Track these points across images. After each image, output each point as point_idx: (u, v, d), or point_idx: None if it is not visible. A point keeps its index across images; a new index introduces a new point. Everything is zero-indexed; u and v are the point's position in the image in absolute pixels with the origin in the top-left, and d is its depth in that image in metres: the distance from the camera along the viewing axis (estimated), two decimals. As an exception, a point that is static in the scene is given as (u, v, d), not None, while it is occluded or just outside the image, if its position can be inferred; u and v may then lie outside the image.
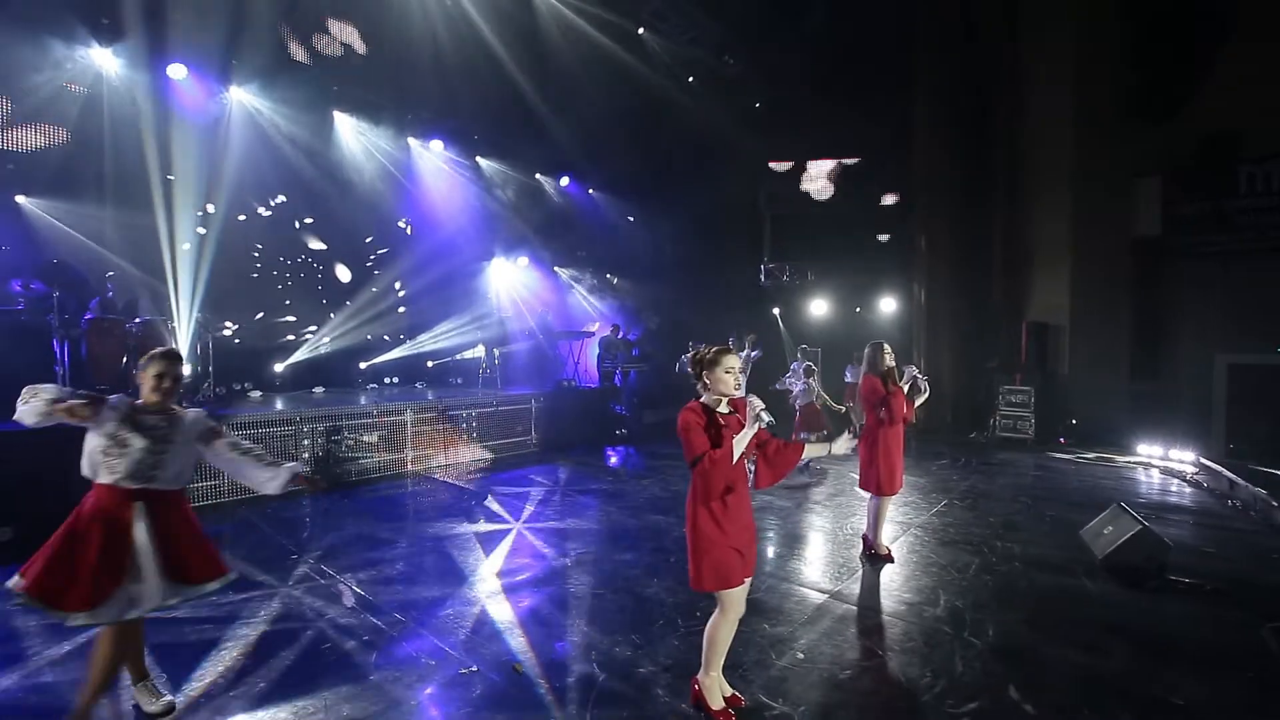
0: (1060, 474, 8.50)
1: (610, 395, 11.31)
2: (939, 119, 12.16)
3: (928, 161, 12.29)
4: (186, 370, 7.77)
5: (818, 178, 12.94)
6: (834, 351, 12.14)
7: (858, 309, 12.83)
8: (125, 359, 7.00)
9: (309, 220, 10.53)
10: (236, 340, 9.90)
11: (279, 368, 10.09)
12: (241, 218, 9.72)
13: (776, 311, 13.32)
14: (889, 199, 12.49)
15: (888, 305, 12.55)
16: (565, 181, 13.56)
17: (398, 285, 11.75)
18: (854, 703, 3.03)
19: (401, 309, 11.87)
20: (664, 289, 13.41)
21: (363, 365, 11.33)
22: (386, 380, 11.39)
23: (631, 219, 13.50)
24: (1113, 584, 4.48)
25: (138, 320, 7.21)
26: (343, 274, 11.17)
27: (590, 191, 13.84)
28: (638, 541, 5.36)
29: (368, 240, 11.39)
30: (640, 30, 11.17)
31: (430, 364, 12.23)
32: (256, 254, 10.14)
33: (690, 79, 11.82)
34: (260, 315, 10.21)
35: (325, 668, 3.31)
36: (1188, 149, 10.84)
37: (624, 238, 13.70)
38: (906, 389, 4.93)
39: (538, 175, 12.90)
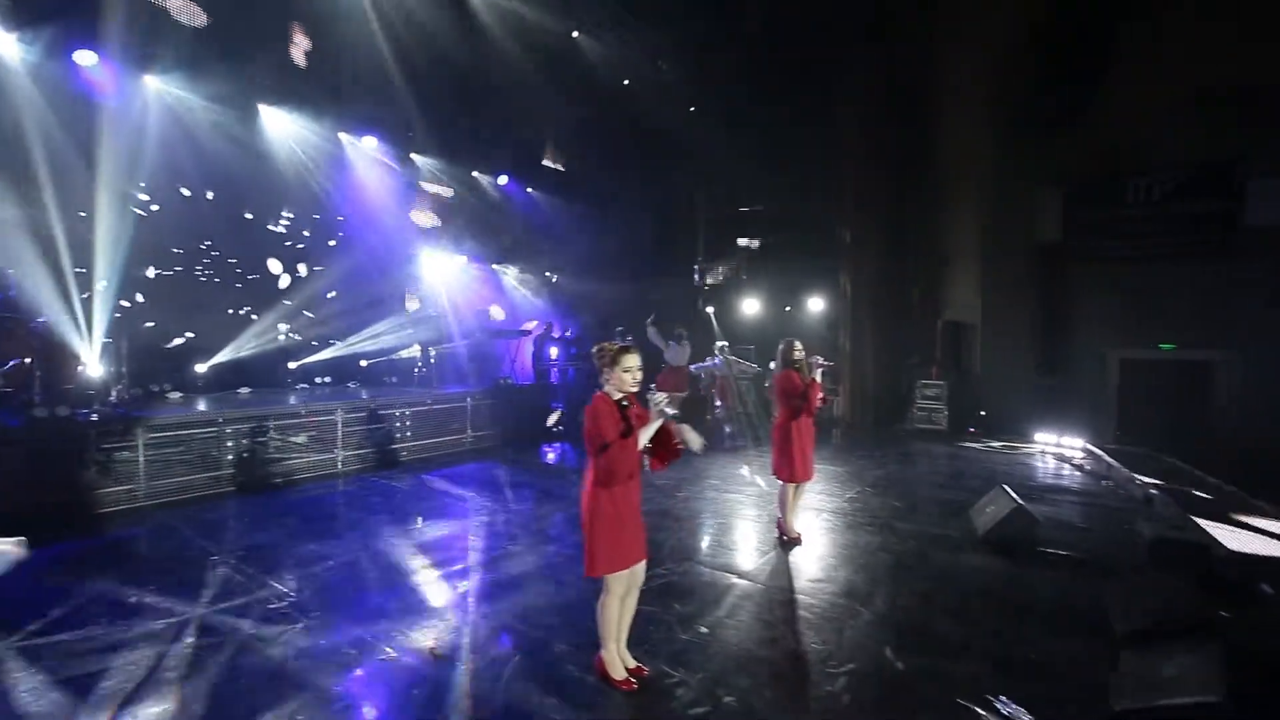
0: (967, 461, 9.15)
1: (546, 392, 11.42)
2: (866, 127, 12.78)
3: (855, 167, 12.89)
4: (99, 371, 7.52)
5: (750, 180, 13.38)
6: (766, 349, 12.62)
7: (787, 308, 13.38)
8: (30, 359, 6.68)
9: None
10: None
11: (201, 368, 9.75)
12: (155, 210, 9.34)
13: (710, 310, 13.73)
14: (818, 202, 13.05)
15: (816, 305, 13.13)
16: (503, 180, 13.56)
17: (329, 283, 11.52)
18: (746, 669, 3.31)
19: (332, 308, 11.63)
20: (601, 287, 13.61)
21: (292, 365, 11.06)
22: (317, 380, 11.15)
23: (569, 218, 13.64)
24: (991, 556, 4.97)
25: (42, 320, 6.88)
26: (274, 267, 10.84)
27: (529, 190, 13.89)
28: (564, 533, 5.55)
29: (298, 236, 11.11)
30: (575, 34, 11.31)
31: (364, 363, 12.05)
32: (178, 250, 9.76)
33: (625, 82, 12.02)
34: (159, 322, 9.78)
35: (244, 661, 3.36)
36: (1085, 162, 11.74)
37: (561, 236, 13.81)
38: (819, 377, 5.30)
39: (474, 173, 12.86)
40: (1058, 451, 9.89)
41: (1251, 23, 10.05)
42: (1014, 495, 5.22)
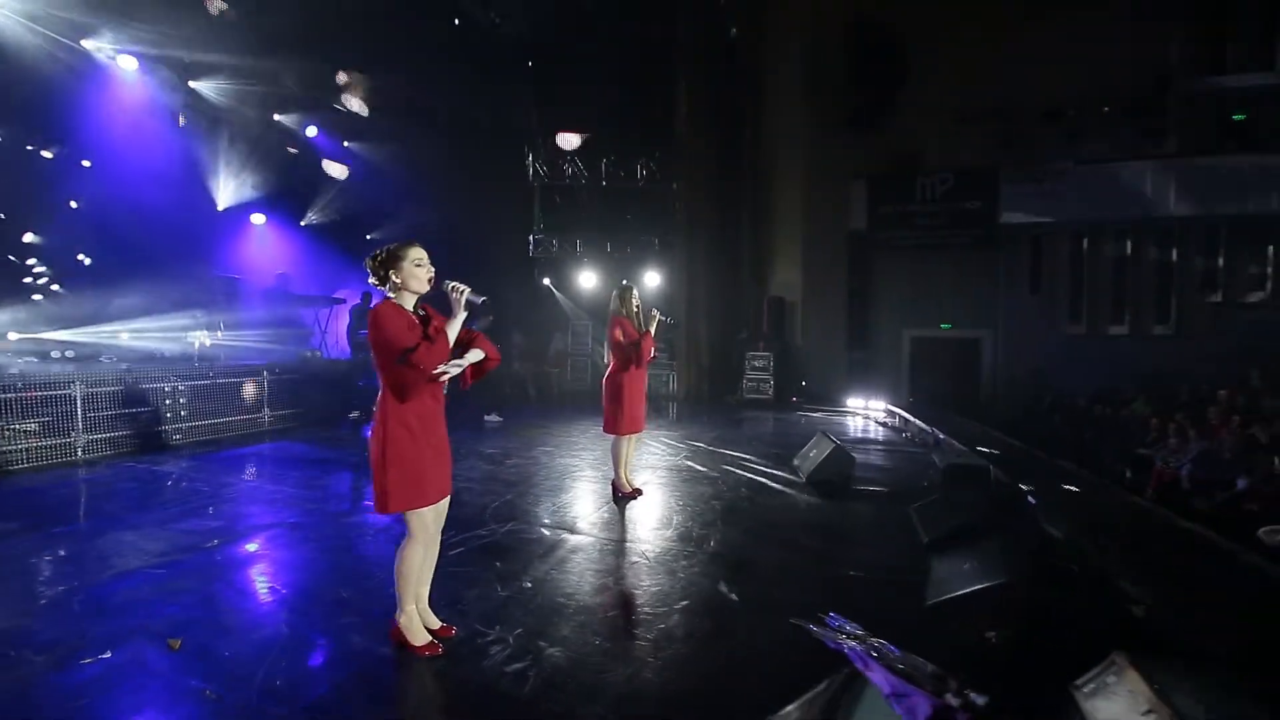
0: (791, 424, 9.72)
1: (362, 368, 10.18)
2: (699, 111, 13.10)
3: (689, 147, 13.17)
4: None
5: (587, 153, 13.12)
6: (604, 323, 12.52)
7: (624, 281, 13.32)
8: None
9: None
10: None
11: None
12: None
13: (547, 281, 13.28)
14: (654, 180, 13.17)
15: (652, 279, 13.24)
16: (313, 132, 11.91)
17: (70, 239, 9.27)
18: (573, 618, 2.97)
19: (79, 278, 9.37)
20: (429, 253, 12.51)
21: (14, 336, 8.75)
22: (55, 355, 8.93)
23: (392, 178, 12.33)
24: (815, 495, 5.15)
25: None
26: None
27: (345, 144, 12.36)
28: (368, 505, 4.82)
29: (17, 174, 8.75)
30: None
31: (126, 335, 9.92)
32: None
33: (456, 20, 10.97)
34: None
35: None
36: (885, 160, 13.07)
37: (382, 196, 12.46)
38: (653, 330, 5.10)
39: (277, 116, 11.09)
40: (865, 413, 10.88)
41: (1005, 54, 11.82)
42: (833, 438, 5.48)
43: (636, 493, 5.10)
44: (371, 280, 2.56)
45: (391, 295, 2.53)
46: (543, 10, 11.62)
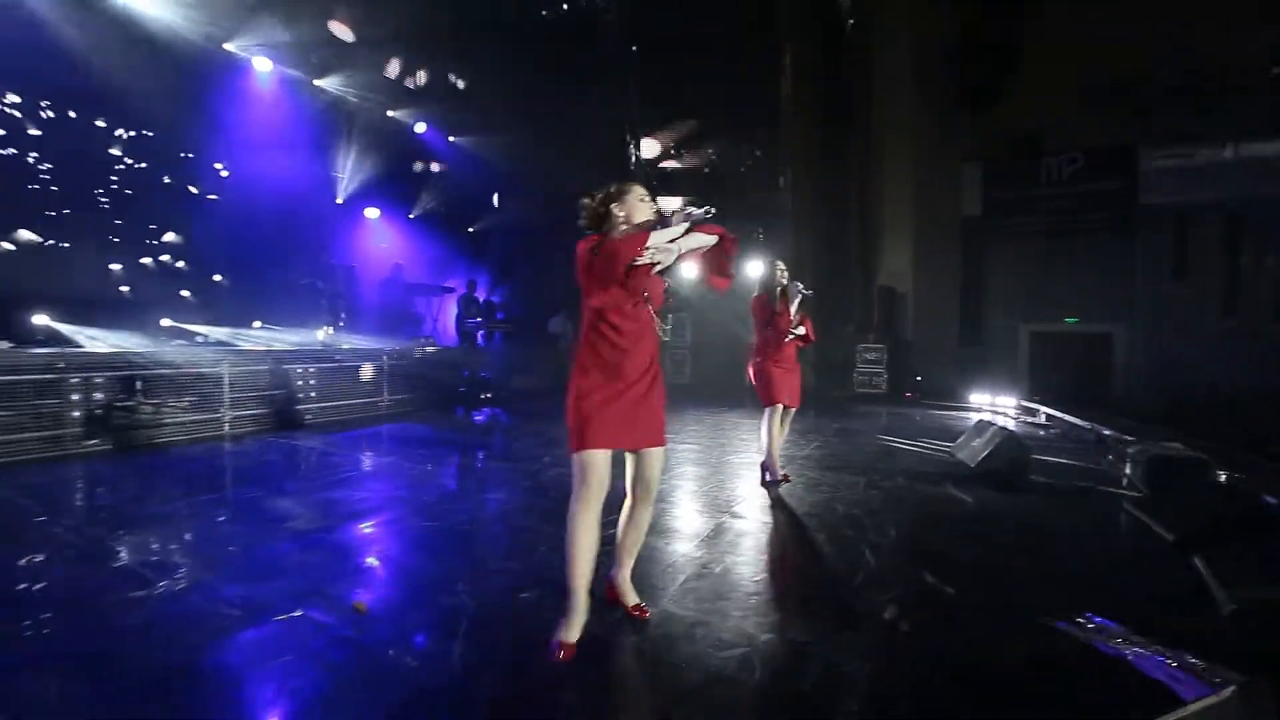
0: (913, 419, 9.04)
1: (472, 356, 10.33)
2: (805, 93, 12.59)
3: (797, 136, 12.67)
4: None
5: (689, 142, 12.86)
6: (705, 311, 12.25)
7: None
8: None
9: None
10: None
11: (40, 319, 7.99)
12: None
13: (651, 271, 13.11)
14: (759, 166, 12.74)
15: (755, 269, 12.78)
16: (422, 128, 12.25)
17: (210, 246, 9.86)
18: (773, 605, 2.66)
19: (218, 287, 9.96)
20: (530, 247, 12.58)
21: (165, 323, 9.40)
22: (198, 339, 9.53)
23: (494, 171, 12.50)
24: (984, 488, 4.60)
25: None
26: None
27: (450, 140, 12.65)
28: (510, 480, 4.72)
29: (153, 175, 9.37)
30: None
31: (257, 324, 10.48)
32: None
33: (565, 6, 10.94)
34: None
35: (83, 630, 2.34)
36: (1003, 140, 12.03)
37: (484, 189, 12.65)
38: (796, 304, 4.80)
39: (390, 112, 11.47)
40: (994, 408, 10.02)
41: (1136, 21, 10.52)
42: (1001, 424, 4.92)
43: (784, 478, 4.75)
44: (583, 223, 2.36)
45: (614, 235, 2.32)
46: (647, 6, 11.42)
